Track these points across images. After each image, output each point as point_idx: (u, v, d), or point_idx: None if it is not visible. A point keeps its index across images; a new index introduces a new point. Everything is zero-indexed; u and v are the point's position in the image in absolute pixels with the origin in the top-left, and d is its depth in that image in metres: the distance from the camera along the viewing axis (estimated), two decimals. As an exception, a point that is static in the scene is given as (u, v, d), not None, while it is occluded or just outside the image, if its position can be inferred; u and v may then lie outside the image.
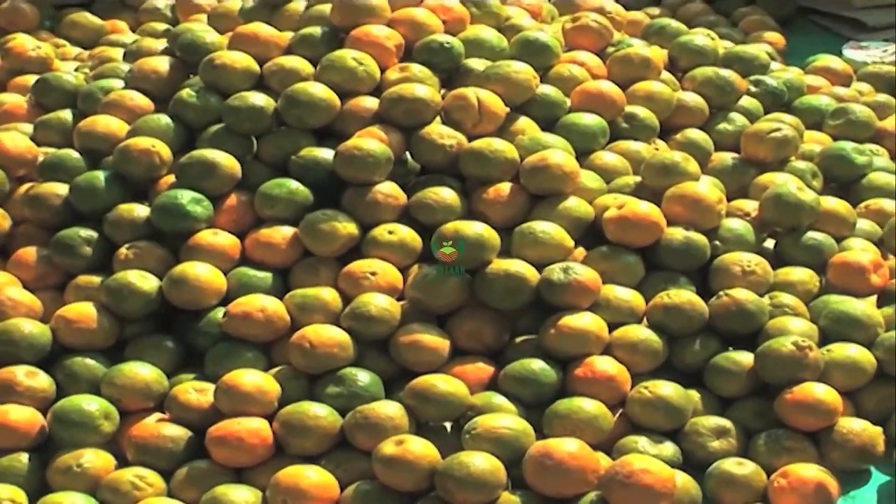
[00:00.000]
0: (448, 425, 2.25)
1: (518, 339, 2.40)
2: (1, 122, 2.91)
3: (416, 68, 2.67)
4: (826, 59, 3.46)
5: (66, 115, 2.80)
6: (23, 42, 3.30)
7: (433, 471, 2.07)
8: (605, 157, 2.68)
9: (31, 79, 3.04)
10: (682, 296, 2.39)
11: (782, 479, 2.10)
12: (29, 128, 2.82)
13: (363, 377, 2.27)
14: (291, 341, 2.31)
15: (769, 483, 2.13)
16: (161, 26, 3.47)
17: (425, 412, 2.22)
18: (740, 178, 2.74)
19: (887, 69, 3.35)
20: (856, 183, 2.81)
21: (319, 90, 2.60)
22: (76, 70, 3.13)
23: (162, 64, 2.80)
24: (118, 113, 2.71)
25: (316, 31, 2.75)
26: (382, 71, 2.68)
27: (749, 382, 2.32)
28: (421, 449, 2.10)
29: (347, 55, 2.65)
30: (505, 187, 2.53)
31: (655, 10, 3.68)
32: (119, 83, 2.81)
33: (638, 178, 2.63)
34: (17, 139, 2.73)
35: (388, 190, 2.52)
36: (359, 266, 2.42)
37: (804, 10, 3.91)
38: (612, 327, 2.36)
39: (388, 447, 2.10)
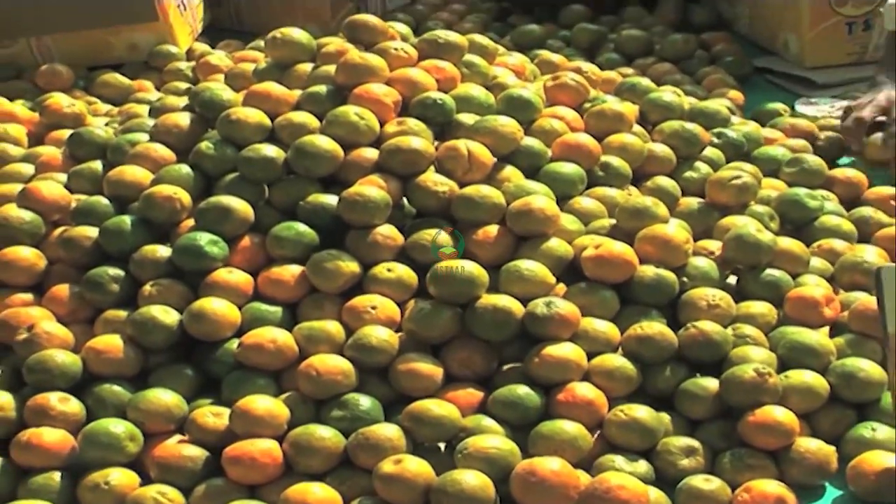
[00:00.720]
0: (442, 446, 2.23)
1: (505, 367, 2.39)
2: (39, 171, 2.91)
3: (412, 122, 2.67)
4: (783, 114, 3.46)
5: (97, 165, 2.79)
6: (59, 100, 3.31)
7: (429, 487, 2.07)
8: (583, 202, 2.67)
9: (66, 133, 3.03)
10: (654, 327, 2.38)
11: (745, 494, 2.09)
12: (63, 177, 2.81)
13: (364, 402, 2.26)
14: (299, 369, 2.30)
15: (733, 497, 2.11)
16: (183, 85, 3.47)
17: (421, 433, 2.21)
18: (705, 220, 2.73)
19: (835, 122, 3.34)
20: (809, 225, 2.81)
21: (325, 142, 2.60)
22: (106, 125, 3.13)
23: (183, 119, 2.79)
24: (143, 163, 2.71)
25: (322, 89, 2.74)
26: (382, 125, 2.67)
27: (715, 406, 2.31)
28: (417, 467, 2.10)
29: (350, 111, 2.64)
30: (493, 229, 2.52)
31: (627, 70, 3.68)
32: (145, 136, 2.81)
33: (613, 221, 2.62)
34: (53, 187, 2.72)
35: (386, 232, 2.51)
36: (360, 301, 2.42)
37: (760, 69, 3.92)
38: (590, 356, 2.35)
39: (388, 466, 2.09)
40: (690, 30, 4.15)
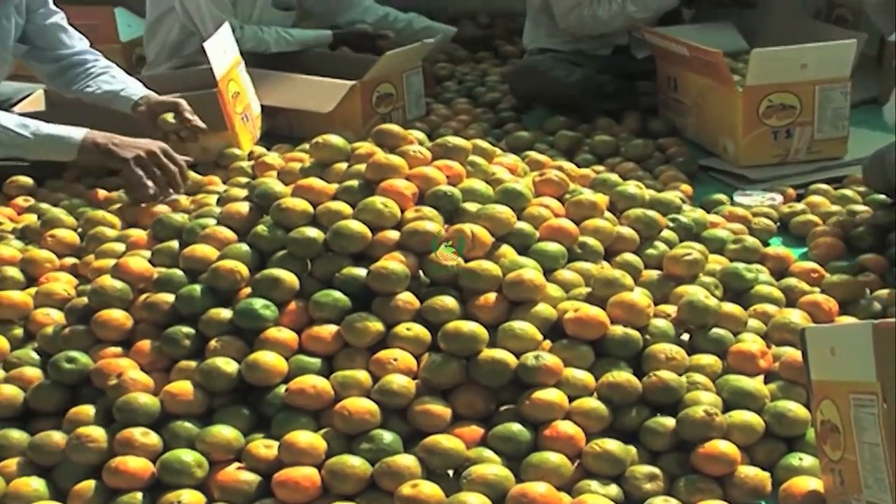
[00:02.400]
0: (450, 472, 2.20)
1: (502, 408, 2.36)
2: (129, 249, 2.89)
3: (427, 210, 2.65)
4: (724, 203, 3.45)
5: (175, 244, 2.77)
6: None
7: (440, 507, 2.05)
8: (565, 274, 2.65)
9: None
10: (622, 376, 2.36)
11: (698, 512, 2.05)
12: (147, 254, 2.79)
13: (387, 436, 2.23)
14: (335, 410, 2.27)
15: (688, 515, 2.08)
16: (244, 180, 3.45)
17: (433, 463, 2.18)
18: (663, 289, 2.71)
19: (767, 210, 3.32)
20: (746, 293, 2.79)
21: (357, 226, 2.58)
22: (182, 212, 3.08)
23: (243, 207, 2.77)
24: (211, 242, 2.68)
25: (354, 183, 2.73)
26: (402, 212, 2.65)
27: (672, 440, 2.29)
28: (430, 490, 2.08)
29: (377, 201, 2.63)
30: (492, 296, 2.49)
31: (599, 168, 3.66)
32: (212, 221, 2.78)
33: (588, 289, 2.59)
34: (140, 262, 2.70)
35: (406, 298, 2.48)
36: (384, 354, 2.39)
37: (705, 167, 3.91)
38: (571, 399, 2.32)
39: (406, 489, 2.08)
40: (649, 136, 4.15)
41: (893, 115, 2.85)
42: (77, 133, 3.24)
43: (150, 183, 3.24)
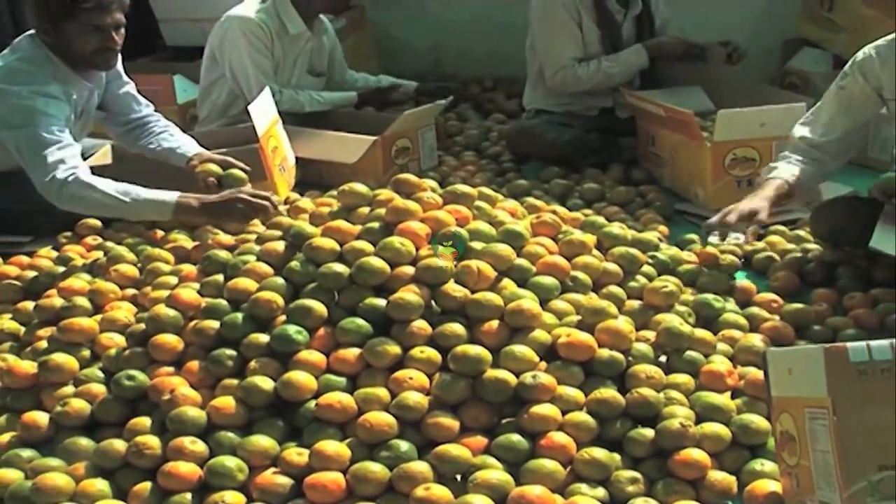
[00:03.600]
0: (458, 477, 2.19)
1: (503, 421, 2.34)
2: (181, 282, 2.87)
3: (439, 248, 2.62)
4: (696, 242, 3.44)
5: (220, 278, 2.75)
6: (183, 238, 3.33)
7: (449, 507, 2.03)
8: (559, 304, 2.63)
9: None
10: (608, 393, 2.34)
11: (674, 512, 2.03)
12: (197, 286, 2.77)
13: (404, 446, 2.22)
14: (358, 422, 2.27)
15: (665, 514, 2.06)
16: (279, 221, 3.43)
17: (443, 468, 2.17)
18: (643, 317, 2.68)
19: (733, 248, 3.30)
20: (715, 320, 2.78)
21: (377, 262, 2.57)
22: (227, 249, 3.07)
23: (279, 246, 2.76)
24: (252, 276, 2.67)
25: (375, 225, 2.72)
26: (417, 250, 2.63)
27: (651, 448, 2.27)
28: (441, 493, 2.08)
29: (395, 240, 2.62)
30: (495, 323, 2.48)
31: (588, 211, 3.65)
32: (253, 258, 2.77)
33: (579, 317, 2.58)
34: (190, 293, 2.69)
35: (420, 325, 2.47)
36: (401, 374, 2.37)
37: (679, 211, 3.89)
38: (564, 413, 2.31)
39: (420, 491, 2.08)
40: (631, 184, 4.13)
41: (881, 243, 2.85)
42: (170, 196, 3.20)
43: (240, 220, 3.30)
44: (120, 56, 3.54)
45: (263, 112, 3.69)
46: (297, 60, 4.49)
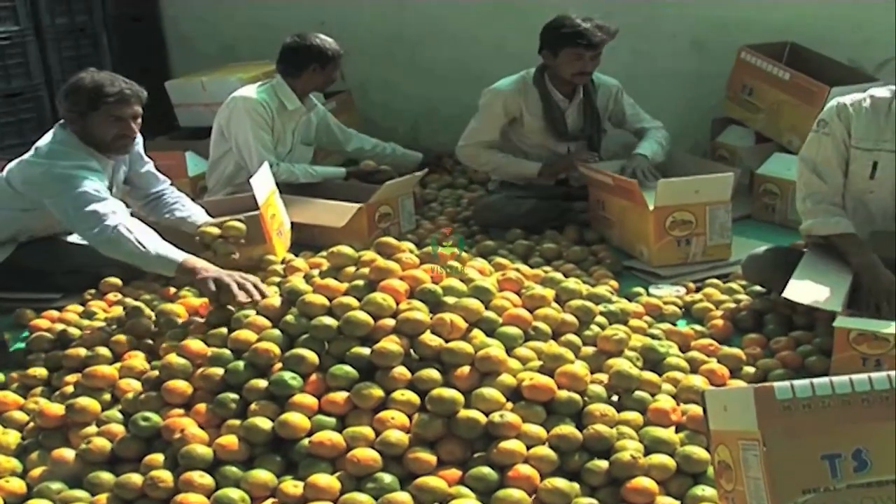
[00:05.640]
0: (436, 506, 2.16)
1: (475, 455, 2.31)
2: (190, 334, 2.81)
3: (416, 303, 2.61)
4: (642, 294, 3.44)
5: (224, 330, 2.72)
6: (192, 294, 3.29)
7: (427, 533, 1.99)
8: (522, 351, 2.61)
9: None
10: (567, 429, 2.33)
11: (626, 535, 2.00)
12: (203, 337, 2.74)
13: (388, 478, 2.20)
14: (347, 458, 2.25)
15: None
16: (277, 279, 3.40)
17: (423, 498, 2.15)
18: (597, 361, 2.65)
19: (674, 299, 3.30)
20: (660, 363, 2.76)
21: (363, 316, 2.55)
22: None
23: (276, 301, 2.74)
24: (252, 329, 2.64)
25: (360, 282, 2.70)
26: (397, 304, 2.61)
27: (606, 477, 2.26)
28: None
29: (378, 296, 2.60)
30: (466, 369, 2.46)
31: (548, 268, 3.63)
32: (253, 312, 2.75)
33: (541, 363, 2.56)
34: (198, 344, 2.67)
35: (400, 371, 2.45)
36: (384, 415, 2.36)
37: (627, 267, 3.88)
38: (528, 448, 2.29)
39: None
40: (584, 243, 4.12)
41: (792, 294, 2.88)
42: (179, 256, 3.14)
43: (217, 295, 3.02)
44: (141, 138, 3.62)
45: (263, 184, 3.69)
46: (294, 132, 4.51)
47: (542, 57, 4.25)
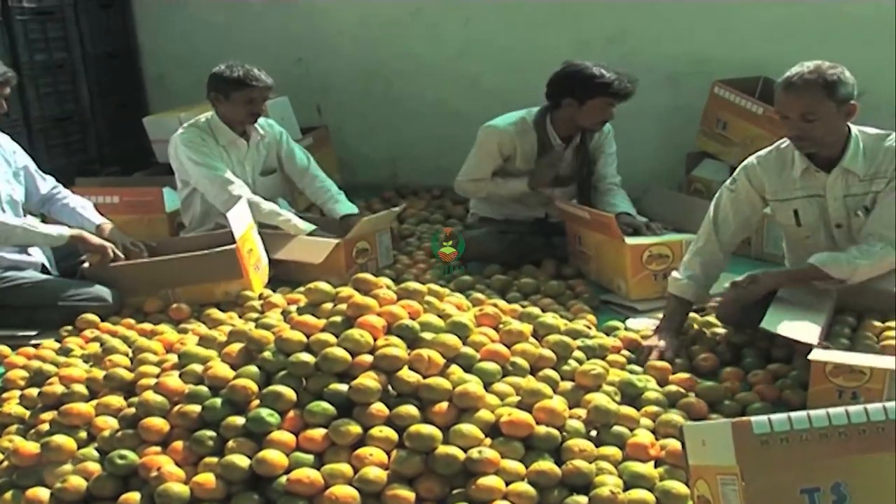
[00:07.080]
0: (415, 542, 2.13)
1: (454, 492, 2.30)
2: (165, 371, 2.81)
3: (394, 339, 2.61)
4: (619, 328, 3.44)
5: (200, 367, 2.70)
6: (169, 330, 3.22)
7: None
8: (501, 386, 2.60)
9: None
10: (546, 465, 2.32)
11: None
12: (177, 371, 2.72)
13: None
14: (325, 495, 2.22)
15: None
16: (255, 315, 3.41)
17: None
18: (576, 396, 2.66)
19: (649, 332, 3.32)
20: (638, 398, 2.76)
21: (340, 352, 2.54)
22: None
23: (176, 381, 2.69)
24: (227, 364, 2.63)
25: (338, 319, 2.69)
26: (375, 340, 2.61)
27: None
28: None
29: (356, 332, 2.59)
30: (444, 405, 2.45)
31: (525, 303, 3.64)
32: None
33: (519, 398, 2.55)
34: (174, 381, 2.65)
35: (378, 407, 2.43)
36: (363, 451, 2.34)
37: (605, 301, 3.90)
38: (507, 484, 2.27)
39: None
40: (562, 278, 4.14)
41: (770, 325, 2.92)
42: (68, 231, 3.83)
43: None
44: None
45: (240, 219, 3.69)
46: (244, 164, 4.45)
47: (561, 104, 4.22)
